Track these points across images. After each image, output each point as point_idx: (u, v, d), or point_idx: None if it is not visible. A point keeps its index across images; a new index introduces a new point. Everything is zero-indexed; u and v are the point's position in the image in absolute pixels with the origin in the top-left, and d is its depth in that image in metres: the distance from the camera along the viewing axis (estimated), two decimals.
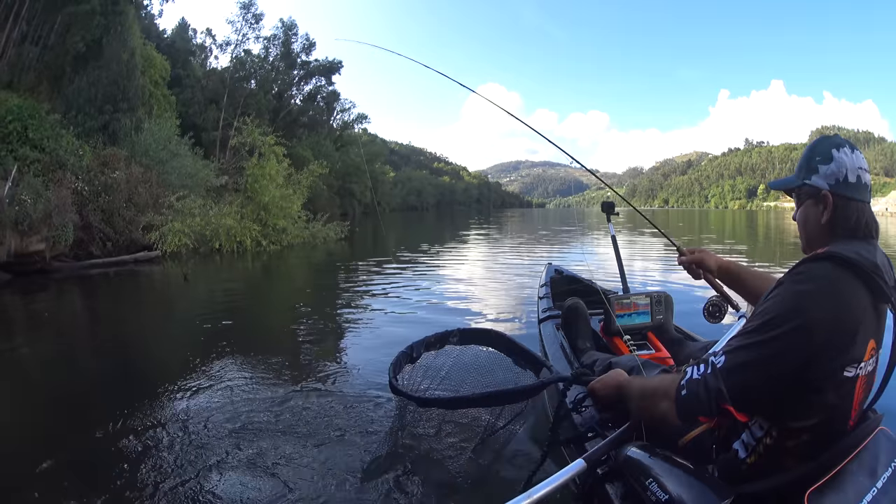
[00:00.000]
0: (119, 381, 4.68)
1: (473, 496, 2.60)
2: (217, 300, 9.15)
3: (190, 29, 43.34)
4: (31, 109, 13.29)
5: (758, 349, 1.30)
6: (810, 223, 1.50)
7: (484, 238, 24.34)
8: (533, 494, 1.47)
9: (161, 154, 18.19)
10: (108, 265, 12.42)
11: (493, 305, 7.75)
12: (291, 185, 19.69)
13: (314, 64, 47.61)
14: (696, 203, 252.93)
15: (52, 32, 18.25)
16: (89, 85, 18.10)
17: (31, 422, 3.81)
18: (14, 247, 10.25)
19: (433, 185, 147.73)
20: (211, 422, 3.49)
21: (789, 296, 1.31)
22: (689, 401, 1.39)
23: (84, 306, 9.14)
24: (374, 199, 60.55)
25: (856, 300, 1.29)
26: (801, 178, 1.52)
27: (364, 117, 58.66)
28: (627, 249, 15.43)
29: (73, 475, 2.88)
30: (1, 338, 6.34)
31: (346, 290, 9.82)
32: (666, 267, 11.79)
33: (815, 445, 1.32)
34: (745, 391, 1.33)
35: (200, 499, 2.61)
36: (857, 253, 1.32)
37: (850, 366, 1.29)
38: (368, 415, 3.61)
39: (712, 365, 1.37)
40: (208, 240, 15.09)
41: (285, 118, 43.15)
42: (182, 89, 34.44)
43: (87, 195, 13.29)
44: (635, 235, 20.99)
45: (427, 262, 13.84)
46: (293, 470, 2.86)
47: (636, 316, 3.30)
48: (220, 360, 4.97)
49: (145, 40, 25.50)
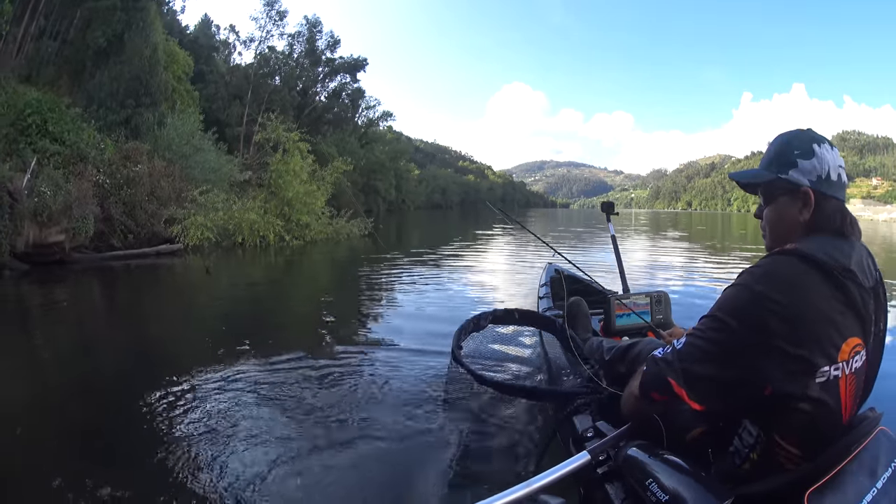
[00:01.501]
0: (137, 368, 4.67)
1: (475, 483, 2.63)
2: (239, 293, 9.09)
3: (213, 25, 43.52)
4: (50, 103, 13.26)
5: (713, 338, 1.34)
6: (786, 221, 1.46)
7: (504, 237, 24.06)
8: (533, 483, 1.49)
9: (184, 149, 18.20)
10: (130, 257, 12.36)
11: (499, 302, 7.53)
12: (315, 181, 19.57)
13: (339, 61, 47.43)
14: (718, 206, 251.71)
15: (72, 27, 18.35)
16: (111, 80, 18.14)
17: (48, 407, 3.78)
18: (32, 237, 10.23)
19: (458, 184, 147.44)
20: (230, 411, 3.48)
21: (747, 288, 1.31)
22: (648, 377, 1.49)
23: (103, 296, 9.13)
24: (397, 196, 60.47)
25: (818, 296, 1.27)
26: (775, 172, 1.47)
27: (389, 115, 58.49)
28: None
29: (89, 462, 2.88)
30: (19, 325, 6.44)
31: (368, 285, 9.67)
32: (665, 267, 12.14)
33: (808, 449, 1.31)
34: (700, 380, 1.36)
35: (221, 490, 2.57)
36: (827, 252, 1.31)
37: (821, 368, 1.26)
38: (391, 406, 3.60)
39: (673, 346, 1.44)
40: (231, 234, 15.06)
41: (310, 115, 43.10)
42: (205, 85, 34.51)
43: (109, 188, 13.23)
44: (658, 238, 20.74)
45: (448, 259, 13.73)
46: (312, 463, 2.84)
47: (636, 316, 3.30)
48: (241, 351, 4.88)
49: (168, 36, 25.57)
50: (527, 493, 1.47)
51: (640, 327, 3.32)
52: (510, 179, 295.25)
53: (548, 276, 4.91)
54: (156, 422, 3.33)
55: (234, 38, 43.49)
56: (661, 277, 10.58)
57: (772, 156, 1.50)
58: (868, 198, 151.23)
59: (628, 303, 3.35)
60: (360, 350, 5.04)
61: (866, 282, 1.34)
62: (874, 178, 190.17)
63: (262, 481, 2.62)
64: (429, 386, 3.88)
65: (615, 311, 3.30)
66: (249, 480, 2.63)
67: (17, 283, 9.04)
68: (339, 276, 11.88)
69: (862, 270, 1.34)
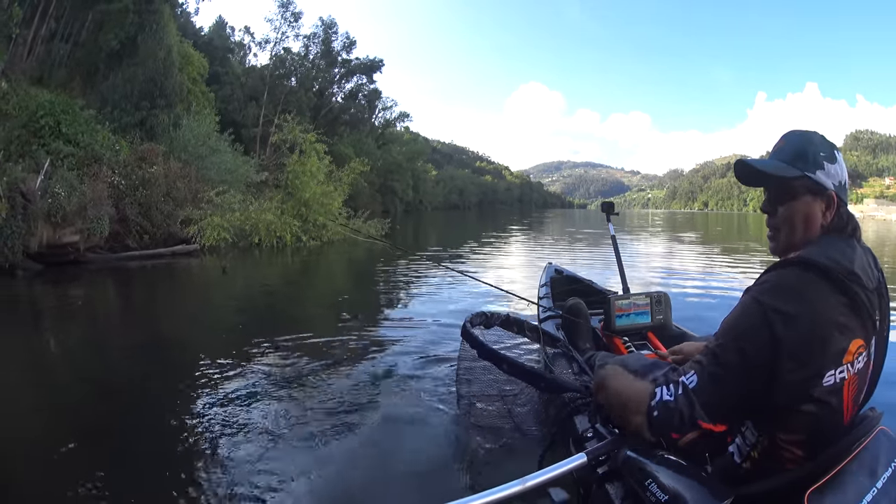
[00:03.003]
0: (150, 366, 4.66)
1: (472, 479, 2.68)
2: (255, 293, 9.03)
3: (227, 27, 43.79)
4: (64, 105, 13.22)
5: (727, 363, 1.31)
6: (810, 222, 1.42)
7: (521, 237, 24.14)
8: (527, 481, 1.47)
9: (200, 150, 18.23)
10: (145, 257, 12.34)
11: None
12: (332, 181, 19.49)
13: (355, 62, 47.70)
14: (735, 206, 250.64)
15: (84, 30, 18.35)
16: (125, 82, 18.11)
17: (61, 405, 3.75)
18: (46, 238, 10.22)
19: (475, 185, 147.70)
20: (245, 412, 3.47)
21: (755, 306, 1.30)
22: (663, 422, 1.39)
23: (118, 295, 9.16)
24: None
25: (826, 305, 1.26)
26: (802, 169, 1.42)
27: (406, 115, 58.73)
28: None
29: (102, 460, 2.85)
30: (31, 324, 6.47)
31: (384, 285, 9.58)
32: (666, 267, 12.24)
33: (810, 448, 1.31)
34: (720, 407, 1.34)
35: (235, 487, 2.57)
36: (832, 257, 1.31)
37: (828, 372, 1.26)
38: (401, 406, 3.65)
39: (683, 386, 1.37)
40: (248, 234, 15.00)
41: (326, 115, 43.30)
42: (221, 86, 34.68)
43: (124, 189, 13.18)
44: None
45: (466, 258, 13.74)
46: (317, 460, 2.87)
47: (636, 316, 3.35)
48: (257, 351, 4.88)
49: (182, 38, 25.64)
50: (520, 491, 1.45)
51: (640, 327, 3.39)
52: (527, 180, 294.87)
53: (548, 276, 4.91)
54: (168, 422, 3.31)
55: (249, 40, 43.95)
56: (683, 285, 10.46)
57: (794, 153, 1.45)
58: (881, 197, 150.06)
59: (628, 303, 3.39)
60: (376, 350, 5.01)
61: (870, 283, 1.34)
62: (887, 178, 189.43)
63: (280, 481, 2.62)
64: (440, 385, 3.89)
65: (615, 312, 3.34)
66: (263, 478, 2.63)
67: (31, 283, 9.05)
68: (355, 276, 11.80)
69: (865, 272, 1.34)
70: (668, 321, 3.47)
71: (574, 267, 7.13)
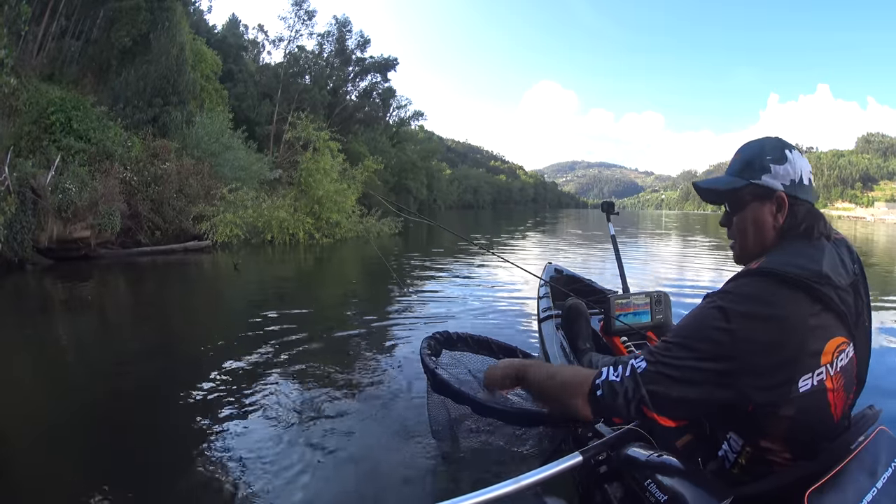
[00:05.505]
0: (159, 361, 4.64)
1: (470, 480, 2.62)
2: (267, 290, 8.94)
3: (241, 25, 43.95)
4: (75, 101, 13.25)
5: (678, 357, 1.27)
6: (760, 227, 1.42)
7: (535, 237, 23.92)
8: (522, 480, 1.40)
9: (213, 147, 18.25)
10: (157, 253, 12.35)
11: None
12: (346, 179, 19.46)
13: (369, 61, 47.71)
14: None
15: (95, 27, 18.43)
16: (137, 79, 18.16)
17: (67, 399, 3.75)
18: (56, 233, 10.26)
19: (489, 184, 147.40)
20: (253, 408, 3.47)
21: (715, 310, 1.26)
22: (606, 402, 1.37)
23: (128, 291, 9.12)
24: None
25: (790, 311, 1.23)
26: (747, 178, 1.44)
27: (420, 114, 58.61)
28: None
29: (111, 457, 2.87)
30: (42, 318, 6.44)
31: (395, 284, 9.32)
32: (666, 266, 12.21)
33: (800, 450, 1.30)
34: (673, 403, 1.30)
35: (240, 484, 2.57)
36: (795, 263, 1.27)
37: (802, 377, 1.23)
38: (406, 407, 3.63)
39: (632, 368, 1.34)
40: (260, 231, 15.00)
41: (340, 114, 43.26)
42: (234, 84, 34.70)
43: (136, 185, 13.23)
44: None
45: (476, 258, 13.41)
46: (322, 459, 2.86)
47: (636, 316, 3.34)
48: (267, 349, 4.81)
49: (195, 35, 25.71)
50: (514, 490, 1.38)
51: (639, 327, 3.35)
52: (541, 180, 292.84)
53: (547, 275, 4.80)
54: (176, 417, 3.35)
55: (263, 38, 44.09)
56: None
57: (742, 163, 1.46)
58: (892, 200, 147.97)
59: (628, 303, 3.37)
60: (385, 350, 4.98)
61: (842, 280, 1.31)
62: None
63: (284, 478, 2.63)
64: None
65: (615, 311, 3.30)
66: (267, 475, 2.64)
67: (40, 278, 9.07)
68: (367, 274, 11.69)
69: (836, 271, 1.31)
70: (669, 321, 3.45)
71: (582, 269, 6.95)
